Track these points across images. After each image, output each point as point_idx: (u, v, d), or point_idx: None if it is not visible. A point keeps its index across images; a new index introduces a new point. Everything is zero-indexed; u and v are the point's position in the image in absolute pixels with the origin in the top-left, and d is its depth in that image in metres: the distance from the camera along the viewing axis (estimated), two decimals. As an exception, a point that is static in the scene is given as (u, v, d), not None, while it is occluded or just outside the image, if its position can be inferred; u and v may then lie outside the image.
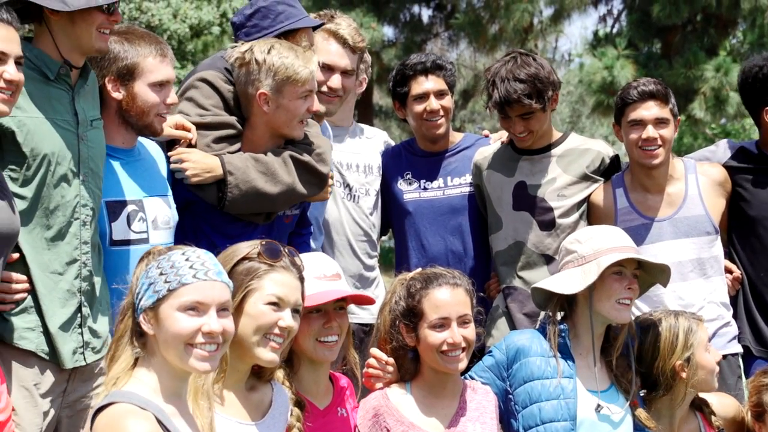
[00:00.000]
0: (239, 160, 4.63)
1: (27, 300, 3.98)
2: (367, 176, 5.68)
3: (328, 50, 5.32)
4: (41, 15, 4.06)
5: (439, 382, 4.26)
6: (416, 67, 5.56)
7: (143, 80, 4.36)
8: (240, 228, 4.68)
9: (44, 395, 3.98)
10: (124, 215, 4.37)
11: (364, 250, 5.60)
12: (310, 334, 3.93)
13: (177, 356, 3.16)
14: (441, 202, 5.59)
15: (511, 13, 14.86)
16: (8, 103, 3.76)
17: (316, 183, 4.78)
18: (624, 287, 4.42)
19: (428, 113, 5.54)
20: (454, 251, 5.53)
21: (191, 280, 3.16)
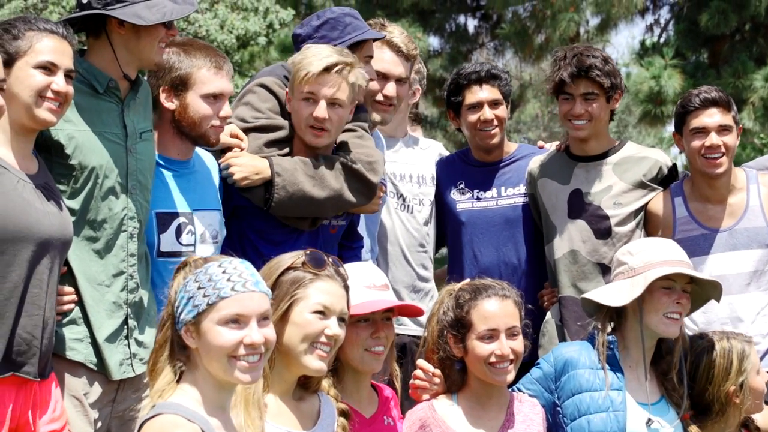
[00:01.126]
0: (288, 163, 4.62)
1: (75, 311, 4.02)
2: (420, 187, 5.66)
3: (382, 58, 5.28)
4: (101, 28, 4.11)
5: (486, 393, 4.24)
6: (471, 76, 5.52)
7: (195, 91, 4.38)
8: (285, 235, 4.68)
9: (93, 405, 4.02)
10: (174, 227, 4.39)
11: (418, 261, 5.57)
12: (357, 343, 3.94)
13: (221, 369, 3.16)
14: (494, 212, 5.55)
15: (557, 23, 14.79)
16: (56, 114, 3.81)
17: (364, 192, 4.76)
18: (673, 301, 4.37)
19: (482, 123, 5.50)
20: (507, 262, 5.50)
21: (230, 293, 3.16)
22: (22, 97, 3.76)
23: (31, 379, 3.73)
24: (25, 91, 3.76)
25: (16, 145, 3.80)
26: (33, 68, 3.77)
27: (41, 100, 3.77)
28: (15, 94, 3.75)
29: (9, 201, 3.66)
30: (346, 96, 4.59)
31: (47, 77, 3.78)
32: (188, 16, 4.23)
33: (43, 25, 3.83)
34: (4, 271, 3.65)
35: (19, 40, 3.77)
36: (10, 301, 3.66)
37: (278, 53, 17.70)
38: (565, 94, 5.23)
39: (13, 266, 3.66)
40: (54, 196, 3.86)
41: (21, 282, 3.68)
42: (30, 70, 3.77)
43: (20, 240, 3.67)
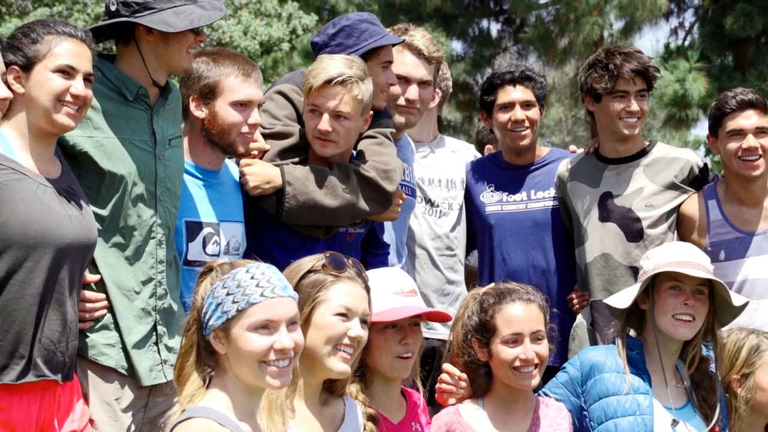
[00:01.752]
0: (300, 172, 4.61)
1: (106, 317, 4.03)
2: (450, 191, 5.64)
3: (404, 61, 5.26)
4: (130, 36, 4.13)
5: (512, 398, 4.24)
6: (504, 76, 5.52)
7: (224, 99, 4.39)
8: (300, 242, 4.67)
9: (125, 410, 4.03)
10: (201, 237, 4.41)
11: (447, 265, 5.55)
12: (386, 350, 3.94)
13: (251, 374, 3.18)
14: (523, 215, 5.54)
15: (581, 27, 14.76)
16: (74, 118, 3.82)
17: (379, 201, 4.72)
18: (680, 303, 4.35)
19: (513, 123, 5.48)
20: (536, 266, 5.48)
21: (259, 298, 3.17)
22: (41, 102, 3.76)
23: (54, 383, 3.75)
24: (44, 95, 3.76)
25: (35, 149, 3.80)
26: (51, 72, 3.77)
27: (60, 105, 3.77)
28: (34, 98, 3.77)
29: (29, 207, 3.67)
30: (351, 108, 4.56)
31: (66, 81, 3.78)
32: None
33: (62, 29, 3.83)
34: (27, 277, 3.67)
35: (37, 44, 3.77)
36: (33, 306, 3.68)
37: (301, 59, 17.75)
38: (619, 92, 5.20)
39: (35, 272, 3.68)
40: (76, 199, 3.87)
41: (43, 287, 3.69)
42: (48, 74, 3.77)
43: (42, 246, 3.68)
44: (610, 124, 5.29)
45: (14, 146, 3.77)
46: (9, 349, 3.63)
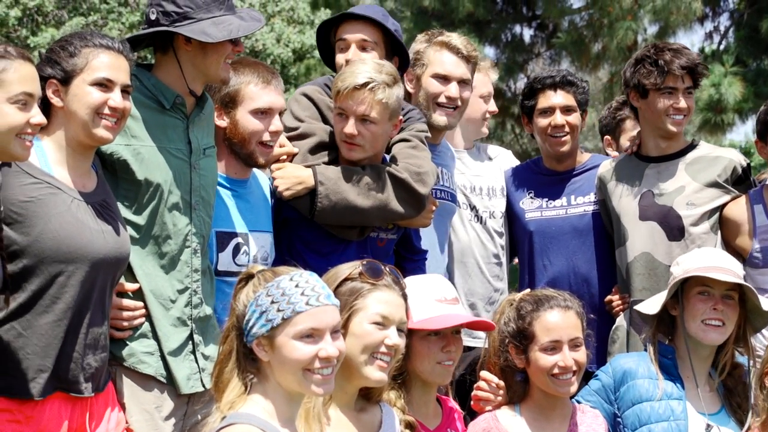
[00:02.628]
0: (332, 172, 4.62)
1: (145, 325, 4.05)
2: (491, 199, 5.64)
3: (442, 61, 5.27)
4: (168, 45, 4.14)
5: (550, 404, 4.23)
6: (545, 81, 5.50)
7: (244, 107, 4.41)
8: (332, 246, 4.67)
9: (165, 418, 4.05)
10: (231, 247, 4.42)
11: (493, 273, 5.55)
12: (428, 356, 3.95)
13: (295, 382, 3.19)
14: (563, 221, 5.52)
15: (614, 32, 14.67)
16: (112, 131, 3.82)
17: (412, 203, 4.71)
18: (709, 308, 4.34)
19: (552, 128, 5.47)
20: (576, 272, 5.46)
21: (304, 307, 3.18)
22: (80, 115, 3.78)
23: (84, 396, 3.77)
24: (82, 108, 3.77)
25: (72, 162, 3.82)
26: (89, 86, 3.78)
27: (98, 118, 3.78)
28: (72, 111, 3.78)
29: (62, 222, 3.69)
30: (377, 112, 4.57)
31: (104, 94, 3.79)
32: (244, 30, 4.24)
33: (99, 41, 3.84)
34: (58, 292, 3.69)
35: (75, 58, 3.79)
36: (63, 321, 3.70)
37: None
38: (667, 89, 5.17)
39: (66, 287, 3.70)
40: (110, 213, 3.88)
41: (74, 302, 3.71)
42: (86, 88, 3.78)
43: (74, 261, 3.70)
44: (656, 121, 5.26)
45: (51, 159, 3.79)
46: (37, 363, 3.65)
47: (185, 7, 4.07)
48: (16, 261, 3.61)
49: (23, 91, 3.42)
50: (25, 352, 3.64)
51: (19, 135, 3.43)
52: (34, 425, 3.64)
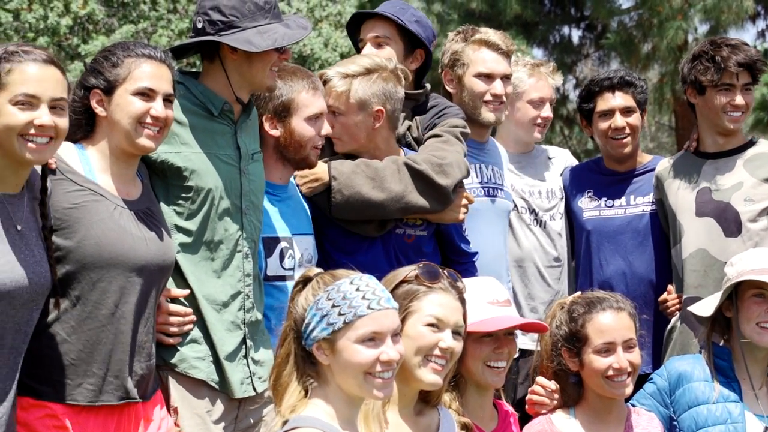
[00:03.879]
0: (347, 166, 4.63)
1: (196, 331, 4.07)
2: (550, 200, 5.62)
3: (483, 59, 5.26)
4: (215, 53, 4.17)
5: (604, 407, 4.20)
6: (603, 82, 5.47)
7: (299, 115, 4.42)
8: (356, 243, 4.67)
9: (216, 422, 4.07)
10: (278, 251, 4.43)
11: (554, 276, 5.54)
12: (479, 358, 3.94)
13: (356, 385, 3.19)
14: (621, 220, 5.49)
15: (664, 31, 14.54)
16: (155, 140, 3.84)
17: (433, 194, 4.67)
18: (764, 310, 4.31)
19: (613, 130, 5.44)
20: (634, 271, 5.43)
21: (366, 311, 3.17)
22: (122, 125, 3.80)
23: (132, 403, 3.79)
24: (125, 118, 3.79)
25: (116, 170, 3.85)
26: (131, 95, 3.80)
27: (141, 127, 3.80)
28: (116, 121, 3.80)
29: (105, 228, 3.71)
30: (341, 103, 4.63)
31: (146, 104, 3.80)
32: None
33: (141, 51, 3.86)
34: (100, 297, 3.71)
35: (118, 68, 3.81)
36: (107, 327, 3.72)
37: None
38: (724, 85, 5.12)
39: (109, 293, 3.72)
40: (154, 221, 3.90)
41: (117, 308, 3.73)
42: (129, 98, 3.80)
43: (115, 267, 3.72)
44: (713, 118, 5.21)
45: (95, 167, 3.82)
46: (83, 369, 3.68)
47: (231, 17, 4.08)
48: (59, 266, 3.64)
49: (24, 92, 3.41)
50: (69, 357, 3.67)
51: (24, 136, 3.43)
52: (80, 430, 3.67)
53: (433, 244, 4.87)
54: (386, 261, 4.57)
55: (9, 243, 3.42)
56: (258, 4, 4.11)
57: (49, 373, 3.64)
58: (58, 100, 3.48)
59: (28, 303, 3.46)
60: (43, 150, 3.46)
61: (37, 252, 3.50)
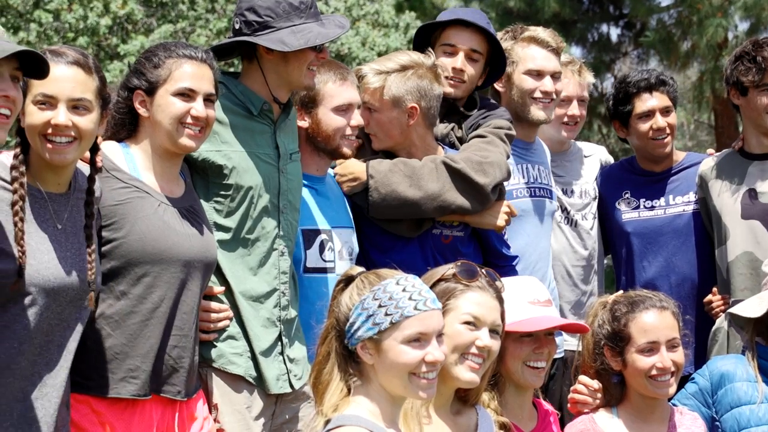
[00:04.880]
0: (385, 165, 4.64)
1: (234, 327, 4.09)
2: (583, 199, 5.59)
3: (533, 56, 5.23)
4: (253, 53, 4.19)
5: (647, 406, 4.18)
6: (640, 84, 5.42)
7: (325, 106, 4.45)
8: (391, 241, 4.68)
9: (256, 418, 4.09)
10: (318, 243, 4.46)
11: (582, 277, 5.51)
12: (519, 357, 3.93)
13: (401, 386, 3.19)
14: (662, 221, 5.45)
15: (704, 29, 14.43)
16: (196, 139, 3.86)
17: (472, 193, 4.65)
18: None
19: (654, 131, 5.40)
20: (676, 272, 5.39)
21: (413, 312, 3.17)
22: (164, 125, 3.83)
23: (175, 400, 3.81)
24: (166, 119, 3.83)
25: (160, 169, 3.88)
26: (172, 96, 3.83)
27: (182, 127, 3.83)
28: (158, 121, 3.84)
29: (150, 224, 3.75)
30: (375, 100, 4.65)
31: (186, 104, 3.83)
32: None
33: (182, 51, 3.89)
34: (145, 292, 3.75)
35: (159, 69, 3.84)
36: (150, 322, 3.75)
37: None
38: (765, 86, 5.08)
39: (153, 288, 3.75)
40: (197, 218, 3.94)
41: (161, 303, 3.76)
42: (170, 98, 3.83)
43: (160, 262, 3.76)
44: (756, 118, 5.17)
45: (140, 165, 3.86)
46: (126, 364, 3.71)
47: (266, 17, 4.11)
48: (104, 262, 3.68)
49: (42, 92, 3.42)
50: (113, 352, 3.71)
51: (44, 135, 3.44)
52: (124, 427, 3.70)
53: (473, 246, 4.86)
54: (422, 260, 4.57)
55: (52, 241, 3.45)
56: (293, 4, 4.14)
57: (93, 368, 3.67)
58: (79, 100, 3.46)
59: (75, 300, 3.48)
60: (62, 150, 3.45)
61: (84, 250, 3.53)
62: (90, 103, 3.49)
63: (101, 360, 3.68)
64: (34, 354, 3.39)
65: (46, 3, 18.76)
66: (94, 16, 18.58)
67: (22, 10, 18.77)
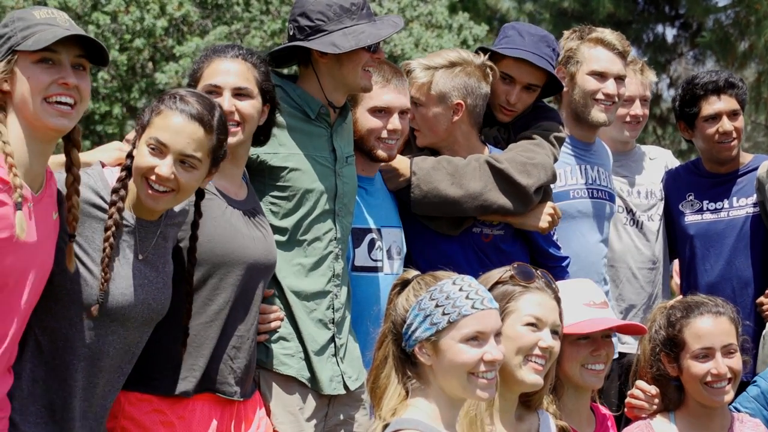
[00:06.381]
0: (429, 162, 4.63)
1: (286, 328, 4.11)
2: (649, 200, 5.55)
3: (598, 58, 5.18)
4: (308, 57, 4.21)
5: (705, 413, 4.14)
6: (708, 86, 5.35)
7: (363, 105, 4.43)
8: (432, 238, 4.67)
9: (308, 419, 4.10)
10: (366, 242, 4.46)
11: (648, 279, 5.47)
12: (577, 360, 3.92)
13: (459, 386, 3.18)
14: (725, 224, 5.40)
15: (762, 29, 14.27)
16: (232, 135, 3.79)
17: (514, 193, 4.62)
18: None
19: (721, 135, 5.34)
20: (739, 276, 5.33)
21: (470, 311, 3.17)
22: None
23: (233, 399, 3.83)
24: None
25: (224, 171, 3.87)
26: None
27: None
28: None
29: (217, 226, 3.78)
30: (421, 94, 4.63)
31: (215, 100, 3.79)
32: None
33: (214, 49, 3.94)
34: (211, 294, 3.78)
35: (196, 72, 3.91)
36: (215, 323, 3.77)
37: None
38: None
39: (219, 290, 3.78)
40: (259, 221, 3.96)
41: (226, 305, 3.79)
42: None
43: (227, 264, 3.78)
44: None
45: None
46: (189, 362, 3.74)
47: (317, 21, 4.12)
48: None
49: (156, 138, 3.44)
50: (176, 353, 3.73)
51: (146, 178, 3.45)
52: (185, 426, 3.72)
53: (517, 245, 4.82)
54: (463, 258, 4.56)
55: (133, 268, 3.49)
56: (344, 6, 4.14)
57: (156, 367, 3.70)
58: (188, 156, 3.45)
59: (141, 326, 3.54)
60: (157, 198, 3.46)
61: (161, 278, 3.58)
62: (198, 162, 3.47)
63: (164, 360, 3.71)
64: (90, 373, 3.46)
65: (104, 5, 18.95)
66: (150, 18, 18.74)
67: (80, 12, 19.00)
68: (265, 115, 3.98)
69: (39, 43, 3.16)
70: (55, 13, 3.27)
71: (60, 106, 3.21)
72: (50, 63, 3.20)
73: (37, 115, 3.19)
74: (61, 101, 3.21)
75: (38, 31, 3.18)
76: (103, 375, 3.49)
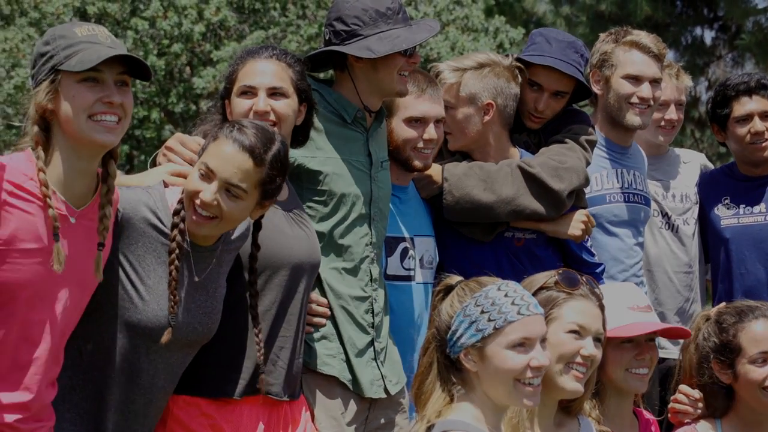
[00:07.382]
0: (461, 168, 4.62)
1: (328, 328, 4.11)
2: (684, 203, 5.52)
3: (633, 60, 5.13)
4: (344, 62, 4.22)
5: (756, 420, 4.08)
6: (739, 87, 5.33)
7: (399, 116, 4.43)
8: (464, 243, 4.66)
9: (349, 423, 4.10)
10: (399, 251, 4.46)
11: (684, 283, 5.43)
12: (621, 364, 3.89)
13: (505, 392, 3.18)
14: (762, 227, 5.35)
15: (802, 31, 14.15)
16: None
17: (546, 198, 4.59)
18: None
19: (752, 135, 5.31)
20: None
21: (516, 316, 3.16)
22: None
23: (280, 400, 3.84)
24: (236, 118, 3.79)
25: None
26: (237, 97, 3.87)
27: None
28: None
29: (263, 228, 3.76)
30: (451, 96, 4.64)
31: (248, 101, 3.84)
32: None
33: (248, 51, 3.96)
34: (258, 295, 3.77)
35: (231, 75, 3.91)
36: (262, 324, 3.75)
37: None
38: None
39: (265, 290, 3.78)
40: (302, 221, 3.97)
41: (273, 306, 3.80)
42: (236, 99, 3.87)
43: (273, 265, 3.79)
44: None
45: None
46: (237, 364, 3.74)
47: (353, 25, 4.12)
48: None
49: (206, 164, 3.44)
50: (224, 356, 3.74)
51: (193, 201, 3.45)
52: (233, 429, 3.73)
53: (551, 249, 4.79)
54: (494, 263, 4.53)
55: (186, 291, 3.51)
56: (379, 11, 4.13)
57: (203, 371, 3.70)
58: (234, 186, 3.43)
59: (183, 348, 3.56)
60: (201, 224, 3.46)
61: (210, 303, 3.59)
62: (242, 192, 3.45)
63: (212, 363, 3.71)
64: (127, 389, 3.48)
65: (143, 11, 19.12)
66: (188, 23, 18.87)
67: (119, 18, 19.17)
68: (302, 115, 3.98)
69: (84, 63, 3.16)
70: (96, 29, 3.27)
71: (106, 122, 3.22)
72: (94, 81, 3.21)
73: (83, 132, 3.20)
74: (105, 119, 3.23)
75: (81, 50, 3.18)
76: (143, 393, 3.51)
